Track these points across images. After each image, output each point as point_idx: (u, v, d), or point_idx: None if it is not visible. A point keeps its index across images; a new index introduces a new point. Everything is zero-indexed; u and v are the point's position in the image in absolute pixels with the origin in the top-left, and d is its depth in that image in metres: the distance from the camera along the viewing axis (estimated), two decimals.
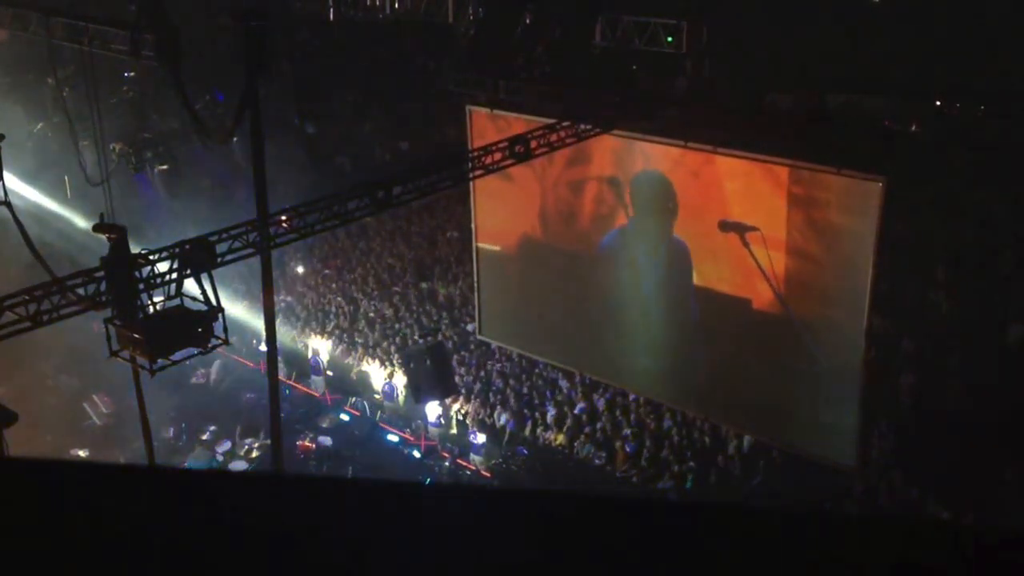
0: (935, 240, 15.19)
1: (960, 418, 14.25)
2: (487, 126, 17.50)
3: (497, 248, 16.78)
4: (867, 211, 13.68)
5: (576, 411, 18.18)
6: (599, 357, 18.06)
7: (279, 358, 17.24)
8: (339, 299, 22.94)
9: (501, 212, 16.80)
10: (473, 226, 19.15)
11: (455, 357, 19.45)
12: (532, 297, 18.36)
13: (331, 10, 18.14)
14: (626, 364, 17.66)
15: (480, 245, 17.16)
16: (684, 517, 1.28)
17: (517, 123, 16.25)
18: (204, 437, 19.35)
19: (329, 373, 21.02)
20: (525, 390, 18.95)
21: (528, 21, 16.37)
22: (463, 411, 18.84)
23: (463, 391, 18.99)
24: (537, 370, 19.28)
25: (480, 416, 18.63)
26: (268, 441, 17.55)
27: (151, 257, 11.06)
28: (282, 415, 14.81)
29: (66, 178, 22.91)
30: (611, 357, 17.80)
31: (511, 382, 19.17)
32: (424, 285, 22.25)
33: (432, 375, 15.83)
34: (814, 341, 12.07)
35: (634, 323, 17.09)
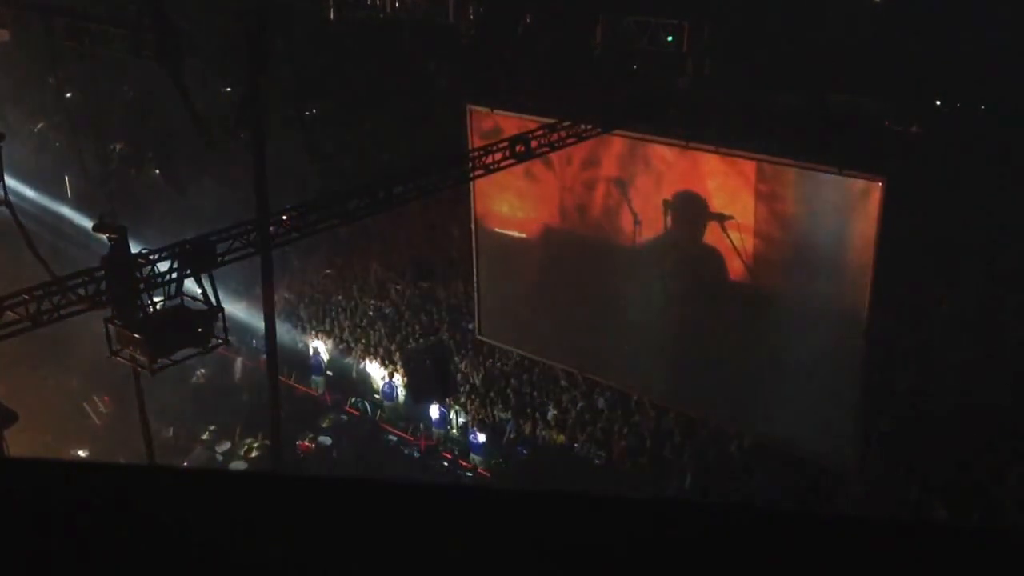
0: (935, 239, 15.18)
1: (960, 418, 14.24)
2: (487, 126, 17.49)
3: (522, 236, 16.63)
4: (866, 210, 13.76)
5: (576, 410, 18.17)
6: (600, 355, 18.04)
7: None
8: (339, 299, 22.93)
9: (519, 203, 16.87)
10: (473, 225, 19.15)
11: (455, 357, 19.46)
12: (535, 292, 18.29)
13: (332, 10, 18.13)
14: (626, 360, 17.63)
15: (498, 231, 17.05)
16: (684, 517, 1.28)
17: (518, 123, 16.25)
18: (204, 437, 19.34)
19: (329, 373, 21.01)
20: (525, 390, 18.95)
21: (528, 21, 16.36)
22: (464, 410, 18.82)
23: (464, 390, 18.99)
24: (537, 369, 19.26)
25: (480, 416, 18.61)
26: (268, 441, 17.54)
27: (151, 257, 11.07)
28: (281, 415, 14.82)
29: (66, 178, 22.92)
30: (612, 354, 17.79)
31: (511, 381, 19.17)
32: (424, 285, 22.24)
33: (432, 375, 15.80)
34: (789, 313, 13.26)
35: (633, 316, 17.09)
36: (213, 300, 11.20)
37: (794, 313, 15.00)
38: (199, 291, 11.22)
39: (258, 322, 18.96)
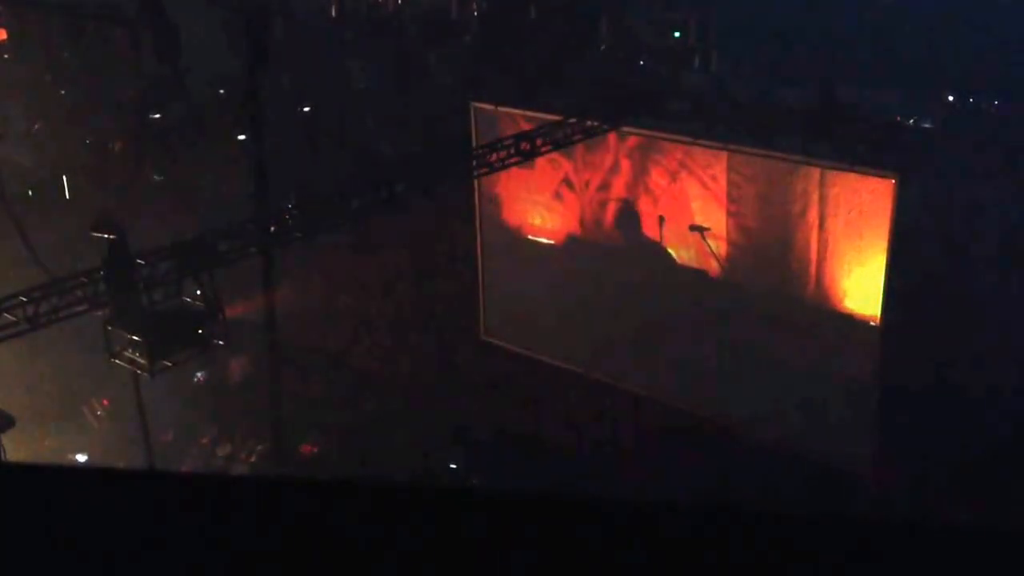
0: (948, 236, 15.02)
1: (976, 418, 14.08)
2: (492, 123, 17.37)
3: (550, 242, 17.99)
4: (879, 207, 13.66)
5: (580, 409, 18.04)
6: (607, 355, 17.93)
7: None
8: (341, 297, 22.74)
9: (549, 216, 17.89)
10: (478, 225, 19.08)
11: (459, 355, 19.39)
12: (545, 294, 18.49)
13: (333, 5, 17.97)
14: (633, 361, 17.58)
15: (531, 238, 18.22)
16: (686, 518, 1.28)
17: (522, 120, 16.12)
18: (204, 440, 19.14)
19: None
20: (529, 389, 18.82)
21: (533, 16, 16.22)
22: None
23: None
24: (542, 369, 19.14)
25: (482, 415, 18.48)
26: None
27: (151, 257, 10.88)
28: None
29: (64, 178, 22.71)
30: (619, 354, 17.74)
31: (514, 380, 19.05)
32: (426, 283, 22.07)
33: None
34: (801, 313, 14.60)
35: (643, 318, 17.12)
36: (213, 300, 11.01)
37: (805, 312, 14.98)
38: (199, 291, 11.03)
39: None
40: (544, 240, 17.38)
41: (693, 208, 14.90)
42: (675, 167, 14.68)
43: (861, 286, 13.74)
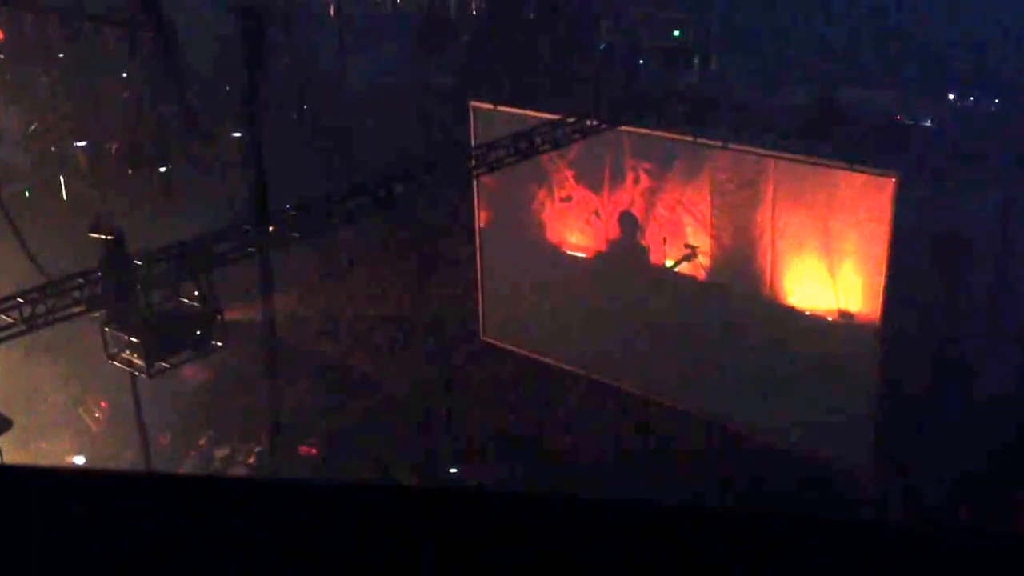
0: (949, 234, 15.01)
1: (977, 418, 14.05)
2: (491, 122, 17.38)
3: (583, 256, 19.62)
4: (878, 206, 13.71)
5: (583, 408, 17.98)
6: (609, 357, 18.03)
7: None
8: (340, 298, 22.71)
9: (583, 234, 19.31)
10: (477, 226, 19.05)
11: (462, 356, 19.38)
12: (549, 297, 18.98)
13: (331, 5, 17.95)
14: (635, 363, 17.68)
15: (570, 253, 19.78)
16: (686, 518, 1.28)
17: (522, 119, 16.12)
18: (201, 442, 19.06)
19: None
20: (531, 388, 18.80)
21: (532, 16, 16.20)
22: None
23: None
24: (544, 369, 19.12)
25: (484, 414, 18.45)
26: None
27: (149, 258, 10.83)
28: None
29: (62, 178, 22.69)
30: (621, 356, 17.88)
31: (517, 380, 19.02)
32: (425, 284, 22.04)
33: None
34: (800, 315, 16.19)
35: (645, 321, 17.52)
36: (211, 302, 10.96)
37: (805, 314, 15.15)
38: (197, 293, 10.98)
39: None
40: (579, 254, 20.02)
41: (687, 232, 17.61)
42: (674, 203, 17.81)
43: (803, 287, 16.23)
